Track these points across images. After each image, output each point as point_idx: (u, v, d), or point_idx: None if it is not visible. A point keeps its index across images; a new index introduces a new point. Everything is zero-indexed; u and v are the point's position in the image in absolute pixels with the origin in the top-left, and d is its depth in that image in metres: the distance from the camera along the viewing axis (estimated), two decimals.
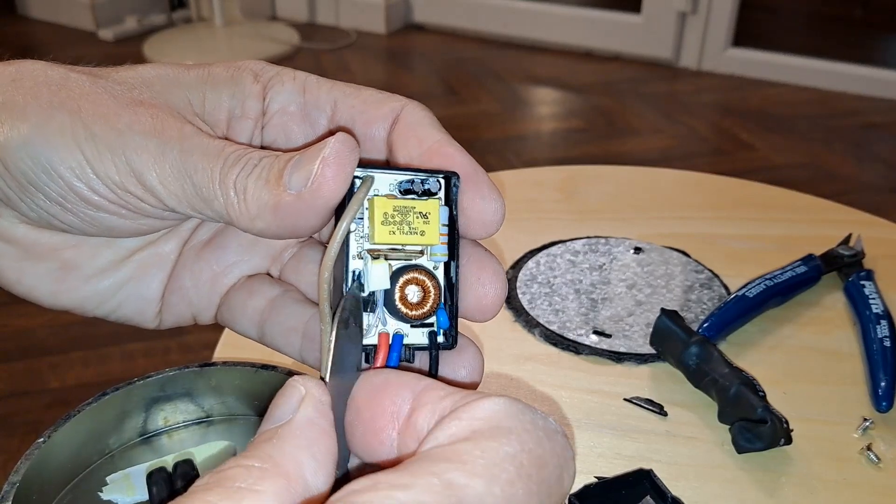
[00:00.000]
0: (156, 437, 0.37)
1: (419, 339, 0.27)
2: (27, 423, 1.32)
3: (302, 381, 0.22)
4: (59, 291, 0.30)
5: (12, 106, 0.27)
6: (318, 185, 0.24)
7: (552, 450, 0.20)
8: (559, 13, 2.75)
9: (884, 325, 0.55)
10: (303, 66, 2.63)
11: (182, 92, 0.29)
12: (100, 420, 0.35)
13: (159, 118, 0.27)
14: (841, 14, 3.24)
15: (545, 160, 2.09)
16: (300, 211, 0.25)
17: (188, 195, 0.26)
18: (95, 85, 0.28)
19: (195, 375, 0.36)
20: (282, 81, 0.30)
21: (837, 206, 0.75)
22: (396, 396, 0.22)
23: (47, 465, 0.33)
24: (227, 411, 0.38)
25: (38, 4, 3.00)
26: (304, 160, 0.25)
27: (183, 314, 0.32)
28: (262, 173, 0.26)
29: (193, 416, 0.37)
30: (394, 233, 0.25)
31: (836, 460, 0.48)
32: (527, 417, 0.20)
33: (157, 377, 0.36)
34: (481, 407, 0.20)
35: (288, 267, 0.32)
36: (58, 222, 0.28)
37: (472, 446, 0.19)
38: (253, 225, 0.26)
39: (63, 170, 0.26)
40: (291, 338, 0.30)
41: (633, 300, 0.62)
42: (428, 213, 0.26)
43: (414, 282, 0.26)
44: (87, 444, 0.35)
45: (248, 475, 0.19)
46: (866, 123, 2.30)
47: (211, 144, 0.26)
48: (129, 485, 0.34)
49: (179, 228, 0.32)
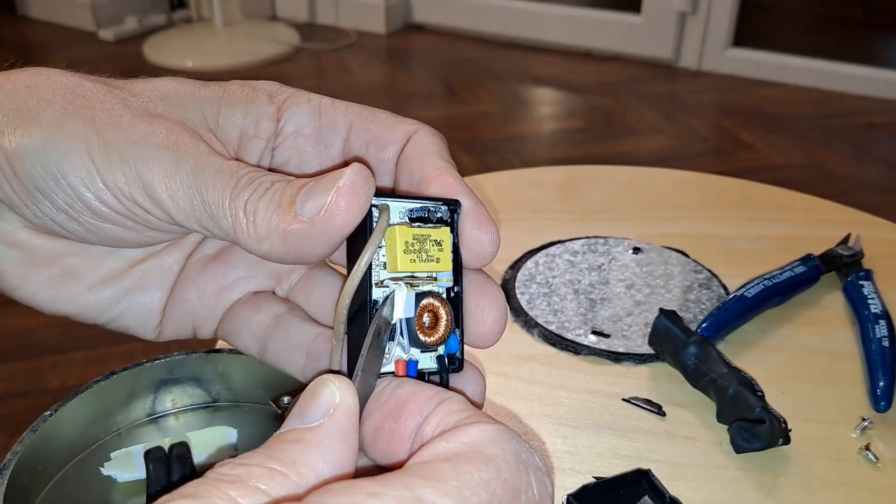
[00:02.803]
0: (163, 418, 0.37)
1: (428, 364, 0.27)
2: (27, 423, 1.32)
3: (336, 382, 0.22)
4: (59, 298, 0.30)
5: (26, 112, 0.27)
6: (330, 214, 0.25)
7: (528, 483, 0.20)
8: (559, 13, 2.75)
9: (882, 325, 0.56)
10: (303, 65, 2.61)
11: (197, 107, 0.29)
12: (108, 398, 0.36)
13: (175, 132, 0.27)
14: (841, 14, 3.24)
15: (545, 160, 2.09)
16: (310, 238, 0.25)
17: (196, 211, 0.26)
18: (111, 95, 0.28)
19: (203, 360, 0.37)
20: (297, 103, 0.30)
21: (837, 206, 0.75)
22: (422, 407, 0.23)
23: (54, 439, 0.33)
24: (233, 397, 0.38)
25: (38, 4, 3.00)
26: (318, 188, 0.25)
27: (184, 327, 0.32)
28: (273, 197, 0.26)
29: (200, 399, 0.38)
30: (414, 261, 0.26)
31: (834, 460, 0.48)
32: (510, 448, 0.21)
33: (166, 360, 0.37)
34: (470, 432, 0.21)
35: (297, 288, 0.32)
36: (62, 230, 0.28)
37: (450, 467, 0.20)
38: (259, 247, 0.26)
39: (72, 178, 0.26)
40: (295, 355, 0.30)
41: (631, 300, 0.62)
42: (441, 240, 0.27)
43: (429, 308, 0.27)
44: (95, 420, 0.35)
45: (269, 479, 0.19)
46: (866, 123, 2.30)
47: (224, 164, 0.27)
48: (130, 462, 0.34)
49: (183, 241, 0.32)
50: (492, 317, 0.28)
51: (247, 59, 2.62)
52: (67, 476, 0.34)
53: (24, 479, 0.31)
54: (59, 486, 0.33)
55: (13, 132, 0.26)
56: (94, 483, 0.34)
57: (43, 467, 0.33)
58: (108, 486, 0.34)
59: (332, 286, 0.31)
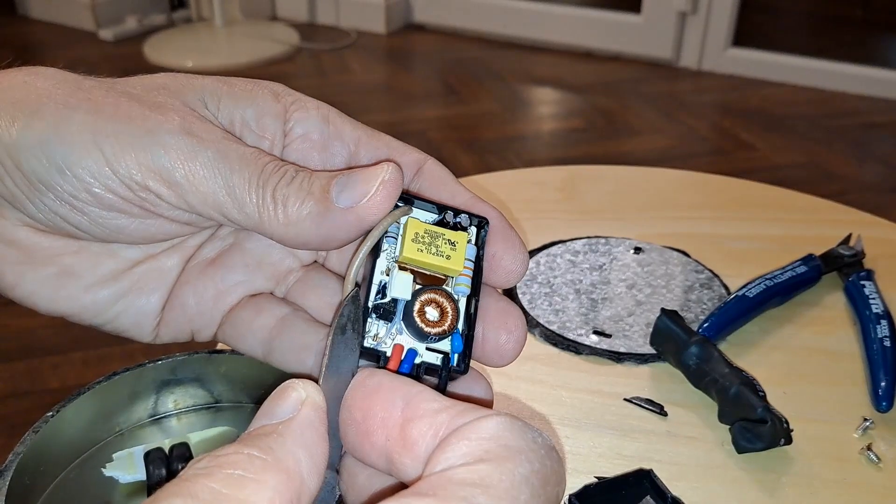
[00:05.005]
0: (165, 418, 0.37)
1: (432, 360, 0.27)
2: (27, 424, 1.32)
3: (301, 384, 0.22)
4: (57, 298, 0.30)
5: (26, 105, 0.27)
6: (373, 203, 0.26)
7: (552, 467, 0.21)
8: (559, 13, 2.75)
9: (884, 325, 0.56)
10: (303, 65, 2.62)
11: (198, 95, 0.29)
12: (110, 399, 0.36)
13: (188, 120, 0.27)
14: (841, 14, 3.24)
15: (545, 160, 2.09)
16: (345, 224, 0.26)
17: (217, 196, 0.27)
18: (113, 90, 0.28)
19: (205, 361, 0.37)
20: (306, 108, 0.30)
21: (837, 206, 0.75)
22: (388, 402, 0.23)
23: (56, 439, 0.33)
24: (235, 398, 0.38)
25: (38, 4, 3.00)
26: (357, 179, 0.26)
27: (182, 330, 0.32)
28: (302, 185, 0.27)
29: (203, 400, 0.38)
30: (421, 251, 0.27)
31: (836, 460, 0.48)
32: (529, 436, 0.21)
33: (168, 360, 0.37)
34: (486, 426, 0.21)
35: (294, 289, 0.32)
36: (64, 223, 0.28)
37: (493, 469, 0.19)
38: (286, 231, 0.27)
39: (78, 169, 0.26)
40: (303, 355, 0.30)
41: (633, 300, 0.62)
42: (456, 241, 0.27)
43: (434, 302, 0.27)
44: (96, 421, 0.35)
45: (249, 464, 0.19)
46: (866, 123, 2.30)
47: (246, 151, 0.27)
48: (132, 463, 0.34)
49: (183, 244, 0.31)
50: (514, 338, 0.29)
51: (247, 59, 2.62)
52: (69, 477, 0.34)
53: (25, 480, 0.31)
54: (61, 488, 0.33)
55: (13, 125, 0.26)
56: (95, 484, 0.34)
57: (44, 468, 0.33)
58: (109, 488, 0.34)
59: (329, 288, 0.31)
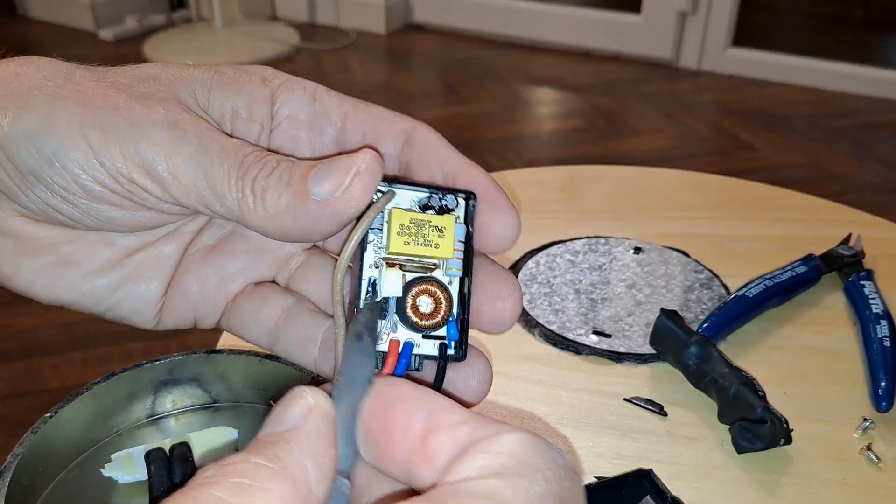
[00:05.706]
0: (164, 419, 0.37)
1: (429, 350, 0.27)
2: (27, 424, 1.32)
3: (310, 392, 0.22)
4: (56, 287, 0.30)
5: (17, 97, 0.27)
6: (348, 196, 0.25)
7: (570, 489, 0.20)
8: (559, 13, 2.75)
9: (884, 325, 0.55)
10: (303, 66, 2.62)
11: (188, 87, 0.29)
12: (109, 399, 0.36)
13: (173, 112, 0.27)
14: (841, 14, 3.24)
15: (545, 160, 2.09)
16: (322, 218, 0.26)
17: (199, 189, 0.26)
18: (103, 80, 0.28)
19: (203, 361, 0.37)
20: (292, 89, 0.30)
21: (837, 206, 0.75)
22: (409, 412, 0.22)
23: (54, 440, 0.33)
24: (233, 398, 0.38)
25: (38, 4, 3.00)
26: (332, 170, 0.26)
27: (185, 318, 0.32)
28: (282, 176, 0.26)
29: (201, 400, 0.38)
30: (408, 243, 0.26)
31: (836, 460, 0.48)
32: (549, 455, 0.20)
33: (166, 360, 0.37)
34: (506, 441, 0.20)
35: (296, 276, 0.32)
36: (57, 214, 0.28)
37: (506, 484, 0.19)
38: (266, 225, 0.26)
39: (67, 161, 0.26)
40: (307, 347, 0.30)
41: (632, 300, 0.62)
42: (444, 227, 0.27)
43: (426, 293, 0.27)
44: (95, 421, 0.35)
45: (256, 472, 0.19)
46: (866, 123, 2.30)
47: (228, 142, 0.27)
48: (131, 463, 0.34)
49: (180, 231, 0.31)
50: (510, 303, 0.28)
51: (247, 59, 2.62)
52: (68, 478, 0.34)
53: (24, 481, 0.31)
54: (60, 488, 0.33)
55: (5, 118, 0.26)
56: (94, 485, 0.34)
57: (43, 469, 0.33)
58: (109, 488, 0.34)
59: (331, 273, 0.31)
